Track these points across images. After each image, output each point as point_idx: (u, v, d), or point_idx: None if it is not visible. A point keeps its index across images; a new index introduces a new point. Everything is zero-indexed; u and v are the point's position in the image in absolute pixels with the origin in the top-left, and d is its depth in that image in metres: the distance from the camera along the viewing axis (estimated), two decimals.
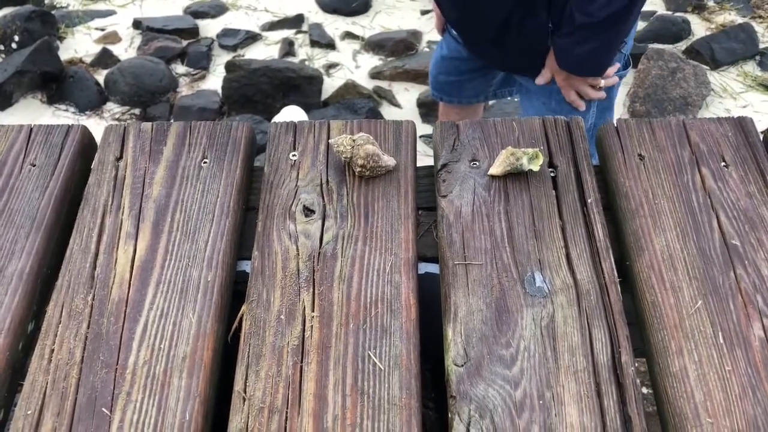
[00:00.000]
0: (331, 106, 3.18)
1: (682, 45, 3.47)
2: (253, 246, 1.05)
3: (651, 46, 3.41)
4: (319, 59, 3.41)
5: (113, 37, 3.55)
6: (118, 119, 3.17)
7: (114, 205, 1.09)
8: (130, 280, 1.01)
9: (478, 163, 1.12)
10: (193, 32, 3.53)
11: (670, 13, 3.65)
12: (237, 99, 3.16)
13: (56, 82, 3.29)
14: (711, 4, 3.73)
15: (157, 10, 3.70)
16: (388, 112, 3.17)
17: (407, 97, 3.24)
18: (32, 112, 3.22)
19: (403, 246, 1.03)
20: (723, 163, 1.11)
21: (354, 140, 1.10)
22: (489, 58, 1.80)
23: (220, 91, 3.22)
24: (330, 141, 1.13)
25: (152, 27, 3.49)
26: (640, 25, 3.56)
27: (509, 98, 2.50)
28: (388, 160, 1.11)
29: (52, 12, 3.60)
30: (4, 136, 1.17)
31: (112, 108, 3.23)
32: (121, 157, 1.15)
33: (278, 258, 1.03)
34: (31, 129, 1.19)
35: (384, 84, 3.30)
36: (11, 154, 1.15)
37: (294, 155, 1.15)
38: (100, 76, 3.35)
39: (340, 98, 3.21)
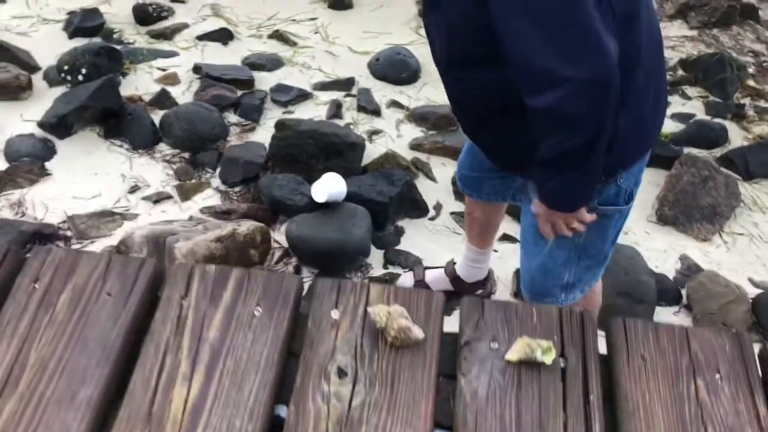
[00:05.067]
0: (369, 174, 3.32)
1: (718, 152, 3.55)
2: (290, 398, 1.19)
3: (686, 150, 3.50)
4: (363, 124, 3.56)
5: (173, 79, 3.74)
6: (168, 161, 3.34)
7: (175, 344, 1.24)
8: (182, 421, 1.16)
9: (497, 345, 1.26)
10: (248, 83, 3.71)
11: (708, 118, 3.74)
12: (282, 156, 3.32)
13: (115, 118, 3.48)
14: (751, 113, 3.82)
15: (218, 56, 3.89)
16: (423, 184, 3.30)
17: (444, 172, 3.36)
18: (88, 145, 3.40)
19: (422, 419, 1.17)
20: (718, 375, 1.23)
21: (389, 312, 1.24)
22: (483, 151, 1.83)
23: (267, 145, 3.38)
24: (368, 309, 1.27)
25: (211, 75, 3.68)
26: (678, 126, 3.66)
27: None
28: (418, 333, 1.25)
29: (119, 48, 3.80)
30: (89, 263, 1.33)
31: (164, 149, 3.40)
32: (185, 296, 1.31)
33: (311, 417, 1.17)
34: (110, 258, 1.35)
35: (423, 156, 3.44)
36: (91, 281, 1.31)
37: (335, 313, 1.29)
38: (157, 116, 3.53)
39: (379, 166, 3.35)
